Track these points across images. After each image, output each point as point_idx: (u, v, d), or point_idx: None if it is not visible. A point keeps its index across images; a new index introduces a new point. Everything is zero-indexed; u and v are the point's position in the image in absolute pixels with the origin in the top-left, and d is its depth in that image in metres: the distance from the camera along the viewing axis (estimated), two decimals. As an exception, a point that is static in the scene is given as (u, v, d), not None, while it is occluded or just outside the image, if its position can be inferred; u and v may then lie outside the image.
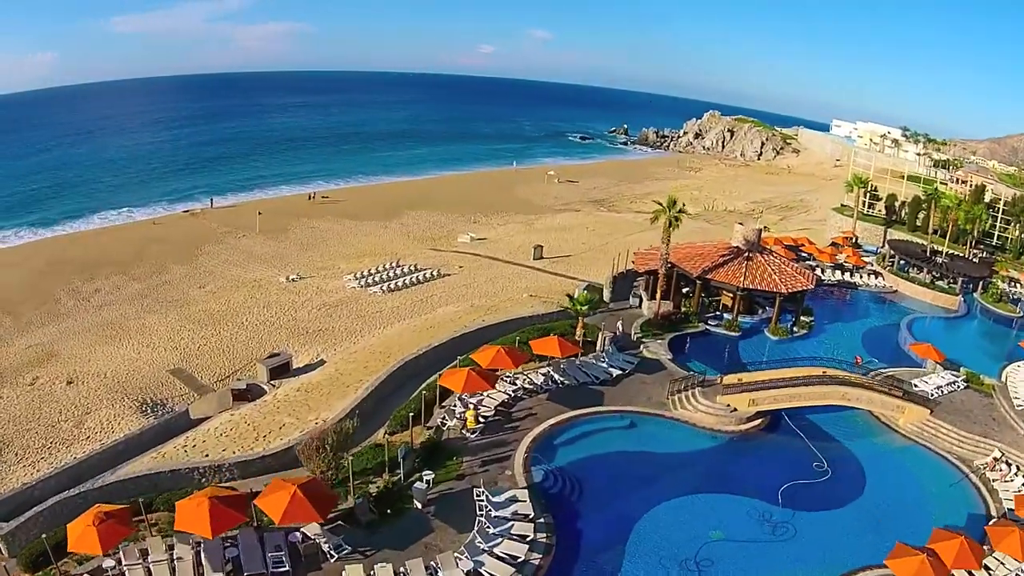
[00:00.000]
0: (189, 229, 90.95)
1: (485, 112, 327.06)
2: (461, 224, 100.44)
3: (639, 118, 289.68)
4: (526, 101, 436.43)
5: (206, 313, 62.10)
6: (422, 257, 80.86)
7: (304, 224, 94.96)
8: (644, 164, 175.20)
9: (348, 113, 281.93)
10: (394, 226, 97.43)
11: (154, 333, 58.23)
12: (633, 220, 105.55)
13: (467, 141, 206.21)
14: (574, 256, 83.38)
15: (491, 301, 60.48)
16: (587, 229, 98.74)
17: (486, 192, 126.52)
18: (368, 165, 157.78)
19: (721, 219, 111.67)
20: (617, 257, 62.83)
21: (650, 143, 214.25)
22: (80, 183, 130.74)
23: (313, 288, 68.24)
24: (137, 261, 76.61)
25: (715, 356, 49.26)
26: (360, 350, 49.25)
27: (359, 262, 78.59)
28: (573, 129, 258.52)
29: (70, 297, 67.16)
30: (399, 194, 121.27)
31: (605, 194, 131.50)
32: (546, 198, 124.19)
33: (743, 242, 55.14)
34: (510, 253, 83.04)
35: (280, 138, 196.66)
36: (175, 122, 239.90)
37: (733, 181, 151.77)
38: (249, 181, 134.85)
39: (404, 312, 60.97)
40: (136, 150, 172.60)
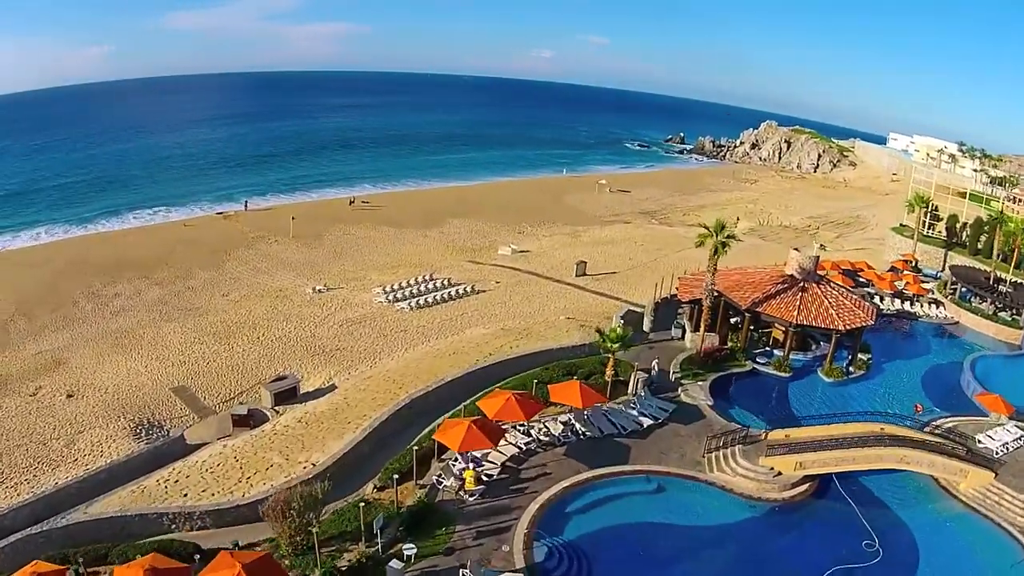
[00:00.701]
0: (220, 232, 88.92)
1: (541, 117, 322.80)
2: (505, 234, 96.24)
3: (696, 126, 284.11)
4: (583, 106, 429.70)
5: (223, 324, 59.18)
6: (458, 270, 76.80)
7: (340, 230, 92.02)
8: (699, 174, 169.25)
9: (401, 115, 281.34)
10: (434, 235, 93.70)
11: (167, 344, 55.66)
12: (684, 235, 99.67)
13: (521, 146, 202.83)
14: (620, 274, 78.29)
15: (524, 323, 55.95)
16: (636, 243, 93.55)
17: (534, 200, 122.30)
18: (417, 169, 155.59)
19: (776, 235, 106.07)
20: (660, 282, 57.82)
21: (706, 152, 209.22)
22: (122, 179, 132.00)
23: (339, 301, 64.77)
24: (162, 264, 74.52)
25: (762, 401, 44.02)
26: (375, 376, 45.37)
27: (392, 273, 75.01)
28: (629, 136, 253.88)
29: (88, 301, 65.26)
30: (445, 200, 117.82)
31: (657, 205, 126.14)
32: (596, 208, 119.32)
33: (798, 270, 49.35)
34: (552, 268, 78.34)
35: (329, 139, 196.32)
36: (225, 120, 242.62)
37: (789, 194, 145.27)
38: (295, 181, 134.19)
39: (430, 332, 56.84)
40: (182, 147, 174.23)
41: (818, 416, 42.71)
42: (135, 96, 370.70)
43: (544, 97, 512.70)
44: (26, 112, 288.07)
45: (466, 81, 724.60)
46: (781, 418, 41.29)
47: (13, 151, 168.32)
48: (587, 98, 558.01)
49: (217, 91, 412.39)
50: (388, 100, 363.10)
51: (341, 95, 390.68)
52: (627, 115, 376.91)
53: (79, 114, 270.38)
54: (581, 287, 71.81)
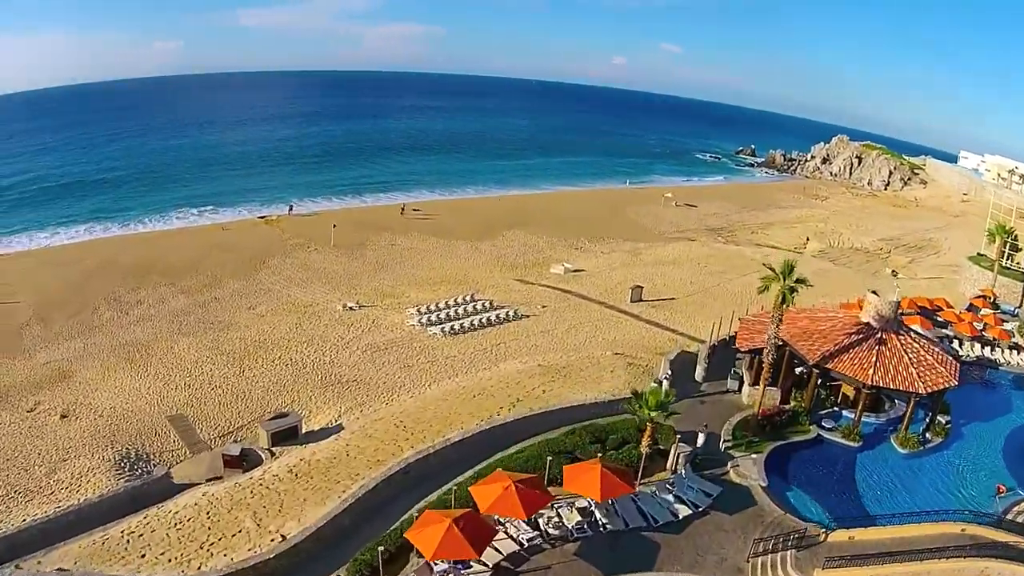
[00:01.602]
0: (259, 237, 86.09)
1: (611, 125, 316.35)
2: (560, 250, 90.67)
3: (766, 138, 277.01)
4: (653, 115, 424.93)
5: (241, 343, 55.53)
6: (504, 290, 71.53)
7: (385, 240, 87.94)
8: (769, 189, 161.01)
9: (469, 119, 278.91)
10: (485, 248, 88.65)
11: (177, 362, 52.41)
12: (751, 256, 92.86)
13: (587, 154, 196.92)
14: (678, 300, 71.79)
15: (566, 359, 50.18)
16: (699, 264, 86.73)
17: (596, 213, 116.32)
18: (479, 174, 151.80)
19: (847, 258, 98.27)
20: (718, 323, 51.08)
21: (777, 166, 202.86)
22: (177, 175, 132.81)
23: (368, 322, 60.29)
24: (191, 271, 71.77)
25: (825, 480, 37.39)
26: (386, 418, 40.38)
27: (432, 291, 70.28)
28: (699, 147, 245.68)
29: (109, 307, 62.84)
30: (502, 210, 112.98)
31: (724, 222, 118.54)
32: (659, 223, 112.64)
33: (876, 317, 41.89)
34: (606, 292, 72.37)
35: (393, 142, 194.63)
36: (291, 119, 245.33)
37: (860, 213, 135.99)
38: (350, 184, 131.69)
39: (459, 365, 51.70)
40: (244, 145, 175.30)
41: (889, 495, 36.07)
42: (204, 91, 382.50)
43: (615, 104, 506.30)
44: (99, 103, 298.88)
45: (537, 86, 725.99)
46: (846, 503, 34.76)
47: (78, 141, 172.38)
48: (658, 106, 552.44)
49: (287, 89, 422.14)
50: (458, 103, 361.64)
51: (411, 97, 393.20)
52: (697, 125, 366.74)
53: (149, 106, 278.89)
54: (635, 315, 65.57)
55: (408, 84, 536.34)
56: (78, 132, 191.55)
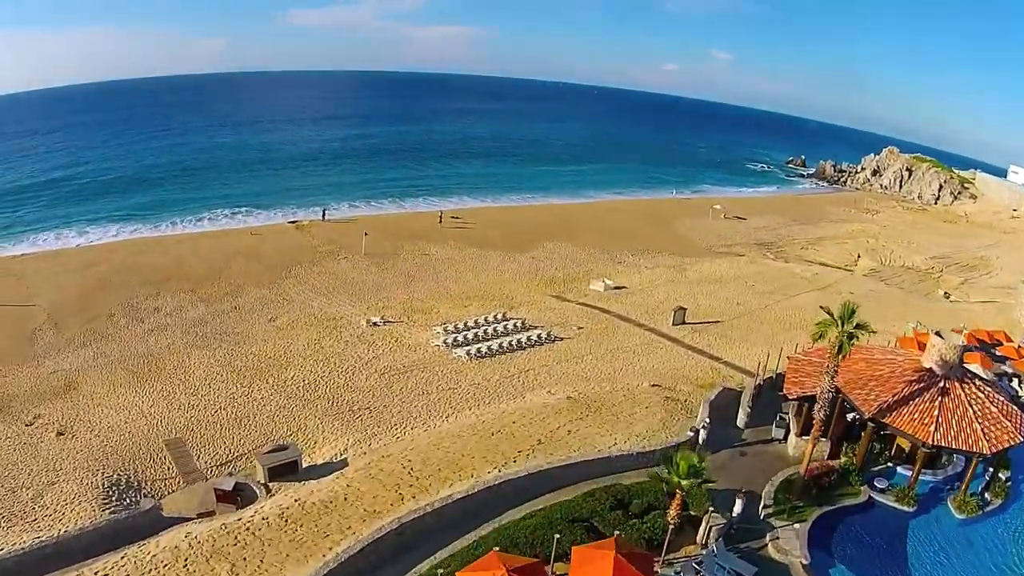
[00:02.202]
0: (288, 244, 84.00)
1: (660, 131, 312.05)
2: (602, 263, 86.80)
3: (816, 148, 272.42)
4: (703, 122, 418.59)
5: (254, 359, 53.07)
6: (538, 308, 67.78)
7: (419, 249, 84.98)
8: (819, 202, 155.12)
9: (516, 124, 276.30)
10: (523, 261, 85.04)
11: (185, 378, 50.27)
12: (802, 274, 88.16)
13: (635, 162, 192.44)
14: (724, 323, 67.13)
15: (599, 390, 46.33)
16: (746, 283, 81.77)
17: (641, 224, 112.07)
18: (524, 181, 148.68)
19: (899, 278, 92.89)
20: (765, 359, 46.32)
21: (827, 177, 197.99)
22: (216, 173, 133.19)
23: (391, 340, 57.17)
24: (213, 278, 69.85)
25: (874, 551, 32.47)
26: (394, 455, 37.08)
27: (463, 307, 67.04)
28: (749, 156, 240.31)
29: (124, 314, 61.06)
30: (544, 219, 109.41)
31: (774, 236, 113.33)
32: (707, 237, 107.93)
33: (939, 363, 36.72)
34: (647, 312, 68.10)
35: (438, 145, 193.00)
36: (334, 120, 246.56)
37: (911, 228, 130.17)
38: (389, 188, 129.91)
39: (482, 393, 48.16)
40: (285, 146, 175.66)
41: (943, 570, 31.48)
42: (247, 89, 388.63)
43: (665, 111, 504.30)
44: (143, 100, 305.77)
45: (586, 90, 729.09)
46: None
47: (119, 139, 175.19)
48: (708, 113, 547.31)
49: (334, 89, 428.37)
50: (505, 107, 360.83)
51: (459, 100, 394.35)
52: (747, 133, 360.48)
53: (193, 104, 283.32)
54: (676, 340, 61.18)
55: (457, 87, 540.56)
56: (119, 129, 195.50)
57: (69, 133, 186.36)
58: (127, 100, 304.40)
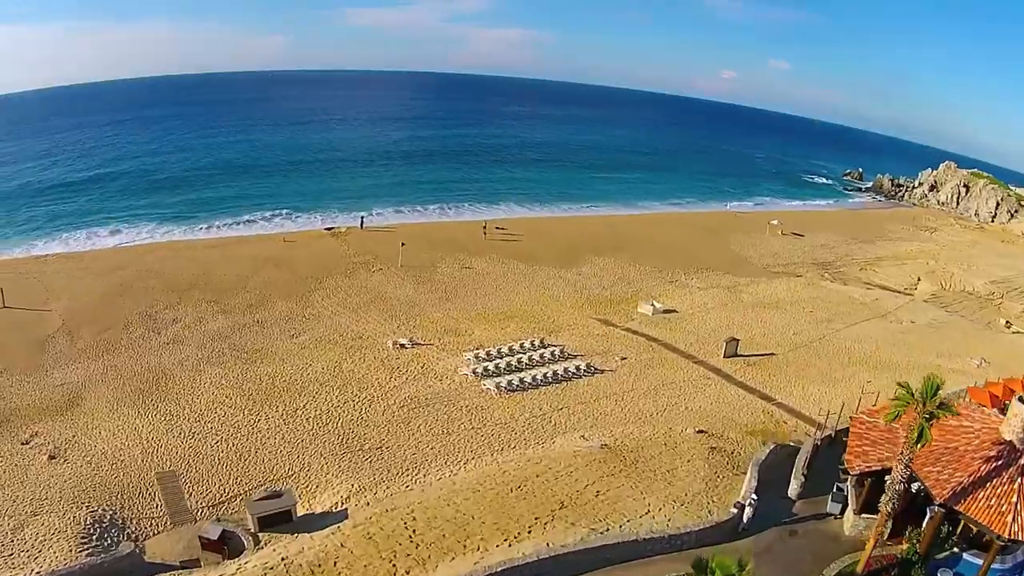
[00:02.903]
0: (321, 252, 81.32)
1: (718, 139, 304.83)
2: (652, 282, 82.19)
3: (873, 160, 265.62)
4: (761, 131, 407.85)
5: (269, 381, 50.18)
6: (580, 333, 63.40)
7: (459, 262, 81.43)
8: (878, 218, 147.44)
9: (573, 129, 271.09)
10: (569, 277, 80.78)
11: (192, 400, 47.87)
12: (861, 299, 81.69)
13: (692, 171, 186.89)
14: (779, 356, 61.65)
15: (638, 436, 42.27)
16: (803, 309, 75.93)
17: (695, 239, 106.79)
18: (575, 188, 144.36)
19: (959, 304, 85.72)
20: (823, 421, 41.10)
21: (884, 192, 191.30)
22: (260, 175, 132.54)
23: (417, 365, 53.60)
24: (239, 288, 67.55)
25: None
26: (400, 508, 33.66)
27: (500, 328, 63.18)
28: (806, 167, 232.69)
29: (141, 324, 59.01)
30: (594, 231, 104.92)
31: (832, 255, 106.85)
32: (763, 255, 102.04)
33: (1021, 437, 30.76)
34: (697, 341, 63.22)
35: (493, 149, 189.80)
36: (388, 121, 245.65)
37: (969, 248, 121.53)
38: (434, 193, 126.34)
39: (508, 435, 44.19)
40: (335, 146, 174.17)
41: None
42: (306, 88, 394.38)
43: (723, 119, 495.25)
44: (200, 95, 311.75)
45: (644, 96, 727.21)
46: None
47: (171, 135, 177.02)
48: (765, 122, 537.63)
49: (392, 89, 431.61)
50: (563, 112, 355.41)
51: (516, 103, 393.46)
52: (804, 144, 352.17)
53: (249, 101, 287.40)
54: (727, 375, 56.18)
55: (514, 90, 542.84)
56: (171, 125, 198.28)
57: (121, 128, 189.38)
58: (182, 96, 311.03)
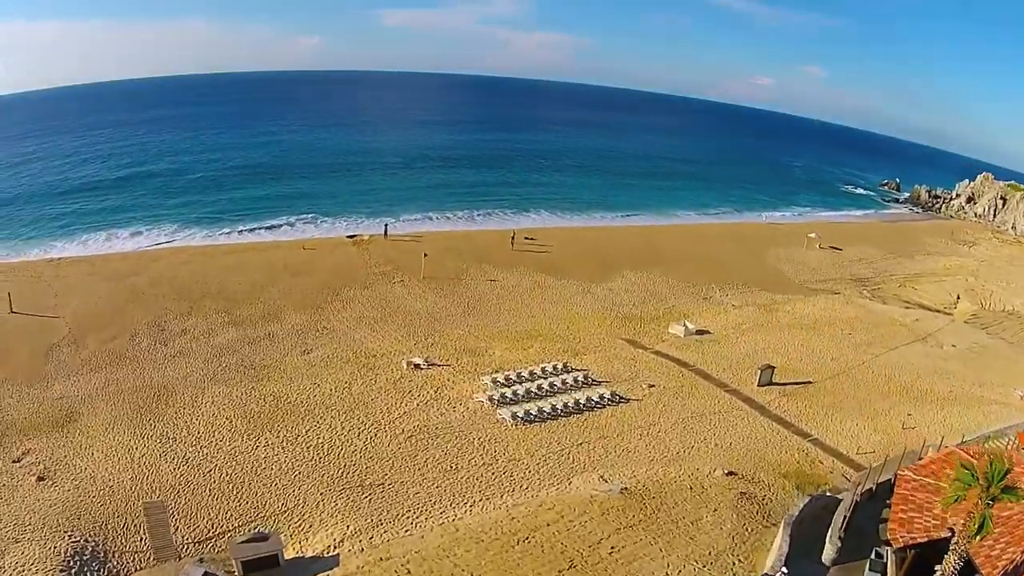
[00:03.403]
0: (341, 261, 79.48)
1: (755, 147, 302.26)
2: (685, 298, 79.13)
3: (911, 170, 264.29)
4: (797, 138, 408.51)
5: (274, 402, 48.30)
6: (608, 356, 60.38)
7: (484, 274, 78.96)
8: (915, 231, 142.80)
9: (610, 135, 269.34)
10: (599, 293, 77.81)
11: (190, 421, 46.08)
12: (901, 320, 77.40)
13: (729, 179, 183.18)
14: (816, 384, 57.91)
15: (662, 477, 39.42)
16: (842, 330, 71.97)
17: (730, 252, 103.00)
18: (609, 196, 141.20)
19: (1000, 326, 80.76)
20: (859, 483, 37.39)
21: (922, 203, 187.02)
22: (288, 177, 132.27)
23: (431, 389, 51.15)
24: (252, 298, 65.86)
25: None
26: (395, 558, 31.40)
27: (522, 349, 60.53)
28: (843, 176, 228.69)
29: (149, 334, 57.58)
30: (627, 243, 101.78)
31: (870, 270, 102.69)
32: (801, 270, 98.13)
33: None
34: (730, 366, 59.88)
35: (526, 154, 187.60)
36: (424, 124, 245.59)
37: (1009, 264, 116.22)
38: (467, 197, 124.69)
39: (521, 473, 41.48)
40: (367, 149, 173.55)
41: None
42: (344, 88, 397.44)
43: (759, 125, 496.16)
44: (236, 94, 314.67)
45: (680, 102, 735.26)
46: None
47: (209, 133, 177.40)
48: (801, 129, 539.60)
49: (429, 92, 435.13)
50: (600, 118, 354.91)
51: (552, 107, 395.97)
52: (840, 152, 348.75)
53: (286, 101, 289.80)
54: (761, 407, 52.78)
55: (550, 93, 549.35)
56: (206, 124, 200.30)
57: (154, 127, 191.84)
58: (217, 95, 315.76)
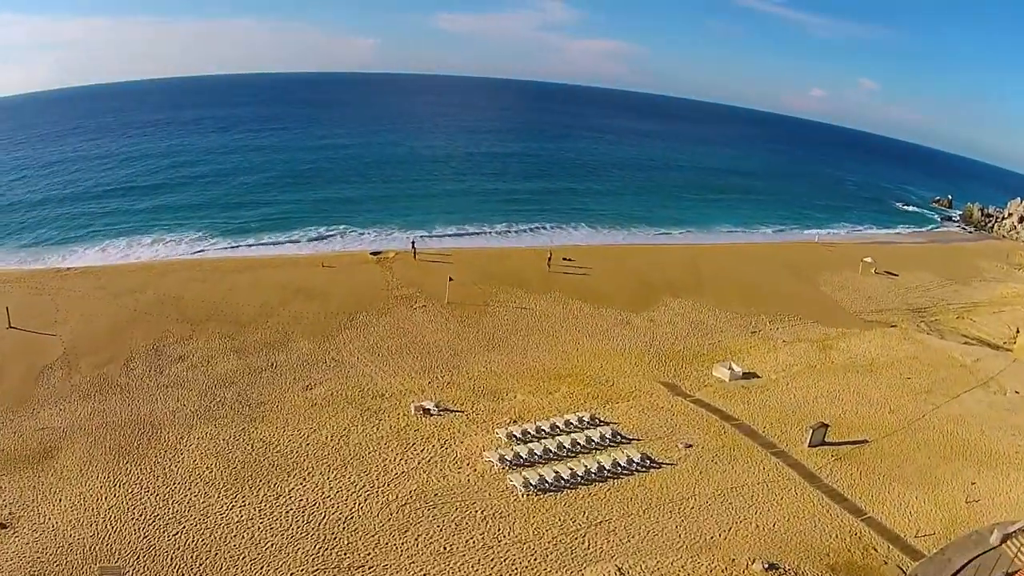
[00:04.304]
0: (360, 282, 75.74)
1: (810, 160, 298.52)
2: (733, 332, 73.50)
3: (962, 186, 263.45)
4: (849, 152, 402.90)
5: (262, 450, 44.90)
6: (643, 404, 54.97)
7: (515, 300, 74.52)
8: (969, 254, 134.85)
9: (661, 145, 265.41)
10: (639, 324, 72.67)
11: (169, 468, 42.91)
12: (961, 359, 70.43)
13: (780, 193, 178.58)
14: (872, 444, 51.67)
15: (692, 570, 34.35)
16: (900, 374, 65.37)
17: (780, 276, 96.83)
18: (657, 210, 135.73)
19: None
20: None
21: (974, 222, 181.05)
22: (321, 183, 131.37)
23: (437, 442, 46.84)
24: (261, 322, 62.67)
25: None
26: None
27: (547, 393, 55.92)
28: (895, 192, 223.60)
29: (145, 359, 55.00)
30: (669, 264, 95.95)
31: (927, 299, 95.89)
32: (856, 298, 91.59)
33: None
34: (779, 420, 54.04)
35: (574, 165, 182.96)
36: (474, 131, 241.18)
37: None
38: (506, 209, 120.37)
39: (524, 559, 36.97)
40: (410, 156, 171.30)
41: None
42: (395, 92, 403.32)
43: (812, 138, 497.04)
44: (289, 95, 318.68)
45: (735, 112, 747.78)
46: None
47: (257, 135, 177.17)
48: (853, 142, 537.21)
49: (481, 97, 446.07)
50: (650, 127, 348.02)
51: (605, 115, 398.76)
52: (892, 166, 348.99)
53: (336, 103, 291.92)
54: (811, 473, 47.12)
55: (603, 101, 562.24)
56: (256, 126, 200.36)
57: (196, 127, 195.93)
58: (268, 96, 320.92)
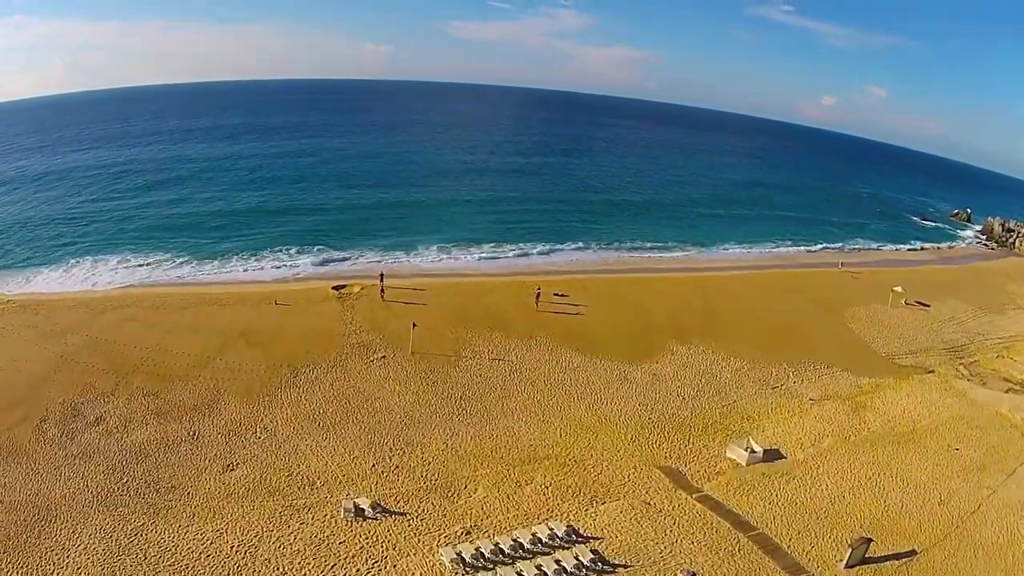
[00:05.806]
0: (315, 325, 69.70)
1: (824, 172, 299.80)
2: (750, 387, 66.66)
3: (980, 198, 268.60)
4: (864, 163, 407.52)
5: (156, 559, 39.54)
6: (634, 510, 46.61)
7: (492, 348, 68.39)
8: (997, 274, 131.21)
9: (671, 156, 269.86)
10: (639, 379, 65.88)
11: None
12: (1009, 415, 65.26)
13: (795, 208, 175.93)
14: (923, 556, 44.57)
15: None
16: (947, 443, 59.06)
17: (802, 312, 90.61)
18: (662, 228, 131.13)
19: None
20: None
21: (995, 237, 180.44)
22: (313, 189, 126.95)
23: (367, 562, 40.28)
24: (191, 376, 57.53)
25: None
26: None
27: (516, 486, 48.49)
28: (912, 205, 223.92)
29: (58, 422, 51.20)
30: (676, 299, 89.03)
31: (962, 334, 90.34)
32: (887, 337, 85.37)
33: None
34: (808, 526, 46.67)
35: (581, 183, 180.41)
36: (480, 143, 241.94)
37: None
38: (498, 228, 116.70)
39: None
40: (409, 167, 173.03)
41: None
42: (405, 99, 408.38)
43: (824, 147, 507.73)
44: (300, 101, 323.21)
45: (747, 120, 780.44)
46: None
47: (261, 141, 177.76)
48: (863, 151, 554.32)
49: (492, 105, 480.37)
50: (661, 137, 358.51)
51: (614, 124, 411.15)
52: (907, 177, 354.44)
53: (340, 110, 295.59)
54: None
55: (614, 109, 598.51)
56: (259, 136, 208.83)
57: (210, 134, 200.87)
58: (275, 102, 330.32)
